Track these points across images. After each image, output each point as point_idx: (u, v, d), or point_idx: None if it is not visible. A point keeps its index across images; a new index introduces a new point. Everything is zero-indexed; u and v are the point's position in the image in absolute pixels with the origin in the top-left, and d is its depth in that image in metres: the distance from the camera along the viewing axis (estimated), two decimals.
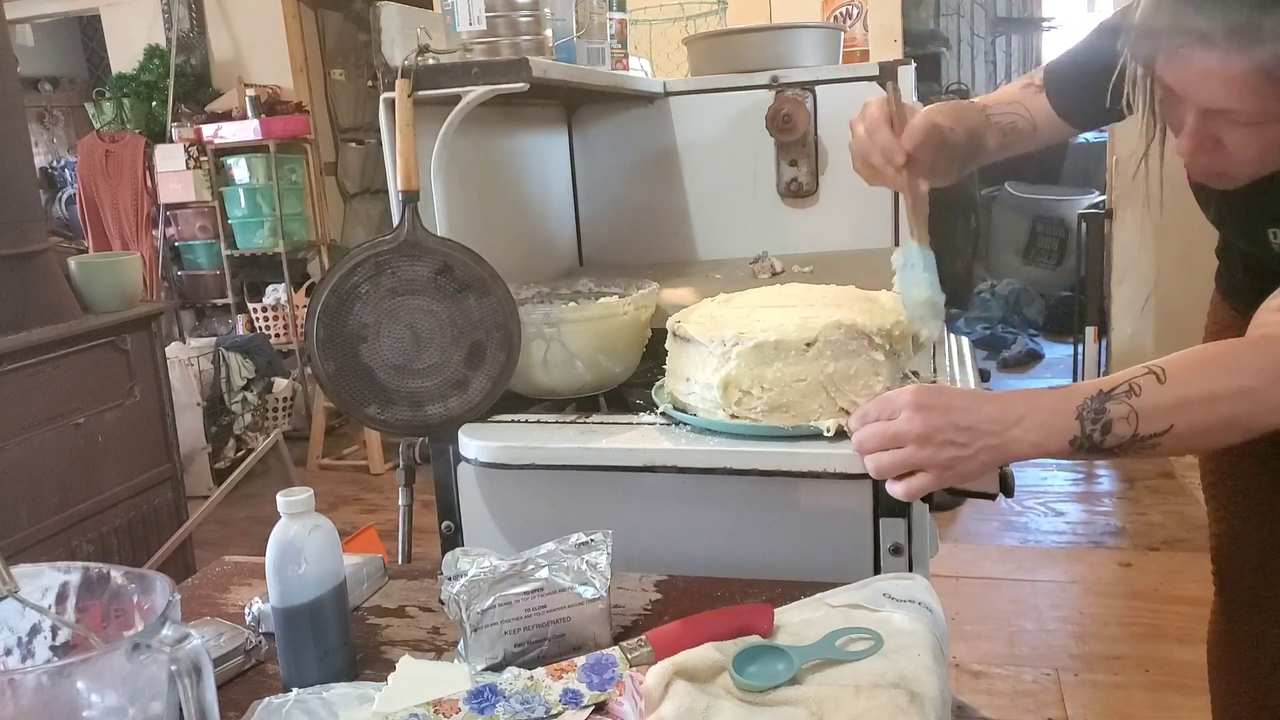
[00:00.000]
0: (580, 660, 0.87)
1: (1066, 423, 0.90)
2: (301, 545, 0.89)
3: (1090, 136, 5.79)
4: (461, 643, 0.93)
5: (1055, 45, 7.01)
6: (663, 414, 1.14)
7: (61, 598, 0.74)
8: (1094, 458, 0.93)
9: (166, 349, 2.99)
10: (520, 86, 1.15)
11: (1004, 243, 5.86)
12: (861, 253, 1.75)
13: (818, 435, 1.03)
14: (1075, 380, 4.09)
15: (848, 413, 1.01)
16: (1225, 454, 1.37)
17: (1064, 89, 1.23)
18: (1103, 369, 3.93)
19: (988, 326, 5.35)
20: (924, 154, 1.10)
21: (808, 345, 1.02)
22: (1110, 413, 0.89)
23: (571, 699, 0.83)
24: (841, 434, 1.01)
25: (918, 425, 0.89)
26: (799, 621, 0.89)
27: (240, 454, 4.04)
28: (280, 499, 0.90)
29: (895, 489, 0.92)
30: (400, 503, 1.40)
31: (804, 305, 1.14)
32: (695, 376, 1.09)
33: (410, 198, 1.15)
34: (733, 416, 1.06)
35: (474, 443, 1.13)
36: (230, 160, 4.65)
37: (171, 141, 4.77)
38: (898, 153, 1.08)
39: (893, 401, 0.93)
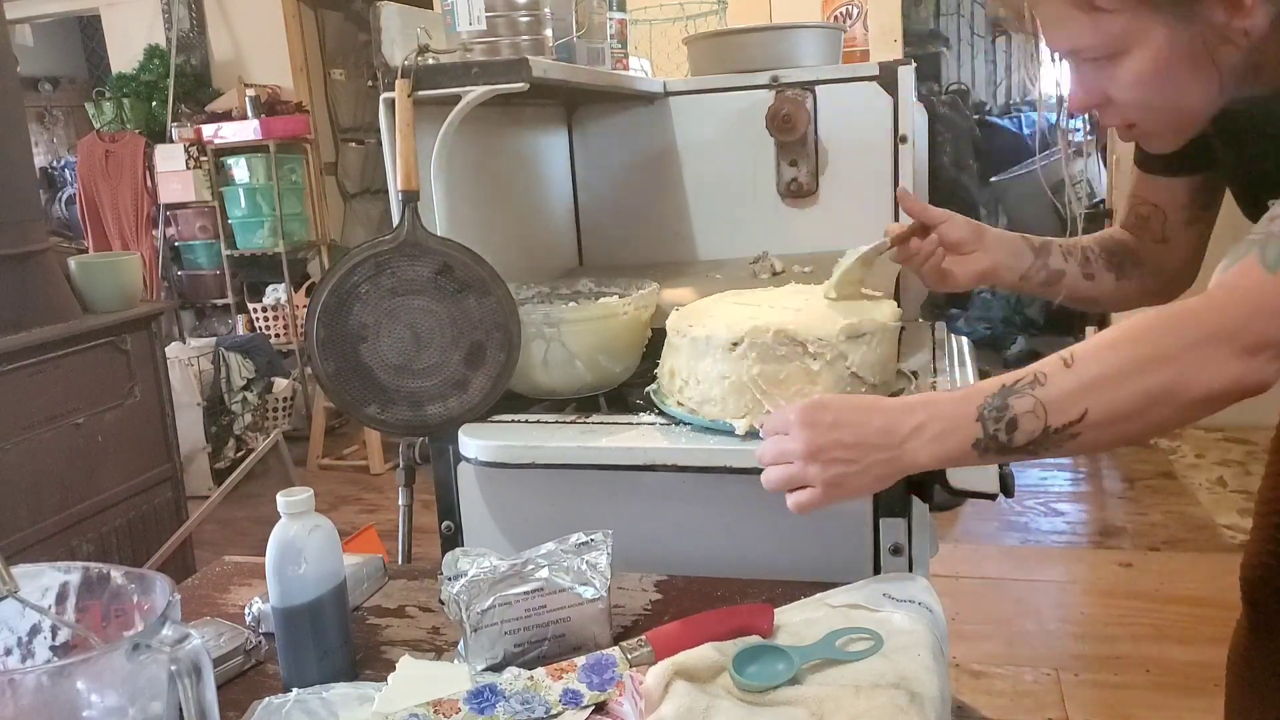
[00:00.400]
0: (580, 660, 0.87)
1: (967, 427, 0.84)
2: (301, 545, 0.89)
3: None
4: (461, 643, 0.93)
5: None
6: (662, 414, 1.15)
7: (61, 598, 0.74)
8: (1012, 459, 0.87)
9: (166, 349, 2.99)
10: (520, 86, 1.15)
11: None
12: None
13: None
14: None
15: None
16: None
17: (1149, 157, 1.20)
18: None
19: (988, 326, 5.34)
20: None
21: (734, 345, 1.07)
22: (1013, 408, 0.82)
23: (571, 699, 0.83)
24: (753, 434, 1.05)
25: (802, 442, 0.87)
26: (799, 621, 0.89)
27: (240, 454, 4.04)
28: (280, 499, 0.90)
29: (788, 501, 0.90)
30: (400, 503, 1.41)
31: (766, 307, 1.17)
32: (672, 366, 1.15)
33: (410, 198, 1.15)
34: (678, 404, 1.13)
35: (474, 442, 1.13)
36: (230, 160, 4.65)
37: (171, 141, 4.77)
38: None
39: (785, 417, 0.91)
